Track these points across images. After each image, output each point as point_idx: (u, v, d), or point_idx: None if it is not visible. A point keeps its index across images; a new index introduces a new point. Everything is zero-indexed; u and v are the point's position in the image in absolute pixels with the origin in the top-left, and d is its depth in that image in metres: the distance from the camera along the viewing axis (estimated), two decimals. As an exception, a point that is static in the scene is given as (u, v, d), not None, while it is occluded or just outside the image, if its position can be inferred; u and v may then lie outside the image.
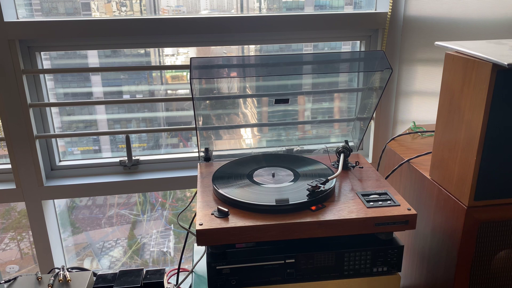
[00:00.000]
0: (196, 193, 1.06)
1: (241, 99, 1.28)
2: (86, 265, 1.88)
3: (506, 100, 0.86)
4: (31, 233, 1.54)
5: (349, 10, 1.57)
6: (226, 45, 1.50)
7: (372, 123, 1.59)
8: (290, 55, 1.14)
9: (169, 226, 1.98)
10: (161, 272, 1.17)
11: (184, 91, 1.63)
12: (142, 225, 1.96)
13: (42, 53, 1.42)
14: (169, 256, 1.95)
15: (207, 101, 1.23)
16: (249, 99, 1.29)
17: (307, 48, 1.63)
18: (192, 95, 1.06)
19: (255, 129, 1.34)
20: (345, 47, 1.63)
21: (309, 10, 1.57)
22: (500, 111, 0.86)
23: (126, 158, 1.53)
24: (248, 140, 1.34)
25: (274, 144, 1.34)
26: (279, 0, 1.55)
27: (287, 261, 0.94)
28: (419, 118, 1.52)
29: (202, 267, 1.17)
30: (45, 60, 1.45)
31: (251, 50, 1.59)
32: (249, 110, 1.29)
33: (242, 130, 1.33)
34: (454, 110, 0.95)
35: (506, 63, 0.78)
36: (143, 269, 1.17)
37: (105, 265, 1.91)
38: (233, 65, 1.15)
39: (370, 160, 1.64)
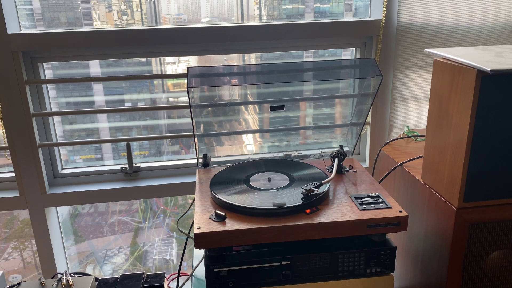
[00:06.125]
0: (195, 198, 1.09)
1: (239, 106, 1.31)
2: (88, 272, 1.90)
3: (491, 104, 0.89)
4: (33, 242, 1.56)
5: (348, 17, 1.60)
6: (226, 53, 1.54)
7: (368, 128, 1.62)
8: (285, 63, 1.18)
9: (172, 234, 2.00)
10: (161, 276, 1.19)
11: (186, 99, 1.66)
12: (144, 233, 1.98)
13: (44, 63, 1.45)
14: (172, 263, 1.97)
15: (206, 108, 1.26)
16: (249, 106, 1.32)
17: (308, 55, 1.66)
18: (189, 103, 1.10)
19: (255, 135, 1.37)
20: (346, 52, 1.66)
21: (309, 17, 1.60)
22: (486, 115, 0.89)
23: (127, 166, 1.56)
24: (247, 146, 1.37)
25: (272, 149, 1.37)
26: (279, 7, 1.58)
27: (283, 263, 0.96)
28: (414, 123, 1.55)
29: (202, 271, 1.19)
30: (47, 69, 1.48)
31: (252, 57, 1.62)
32: (250, 116, 1.32)
33: (242, 136, 1.35)
34: (443, 115, 0.98)
35: (489, 69, 0.82)
36: (143, 273, 1.20)
37: (108, 273, 1.93)
38: (230, 74, 1.18)
39: (366, 164, 1.66)
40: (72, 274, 1.20)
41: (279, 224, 0.93)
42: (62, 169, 1.58)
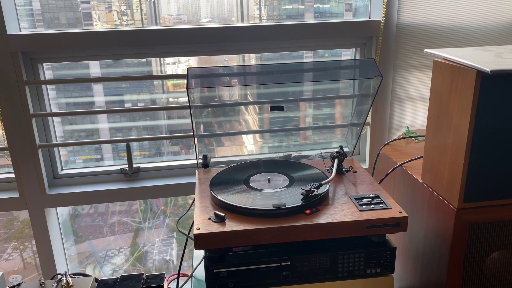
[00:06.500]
0: (194, 199, 1.09)
1: (239, 106, 1.31)
2: (88, 272, 1.90)
3: (491, 104, 0.89)
4: (33, 243, 1.56)
5: (348, 17, 1.60)
6: (226, 54, 1.54)
7: (368, 128, 1.61)
8: (285, 64, 1.18)
9: (172, 234, 2.00)
10: (161, 277, 1.19)
11: (185, 99, 1.65)
12: (144, 233, 1.98)
13: (44, 64, 1.45)
14: (172, 264, 1.97)
15: (206, 109, 1.26)
16: (249, 106, 1.32)
17: (308, 55, 1.66)
18: (189, 103, 1.10)
19: (255, 135, 1.37)
20: (346, 53, 1.66)
21: (309, 17, 1.60)
22: (486, 115, 0.89)
23: (127, 166, 1.56)
24: (247, 147, 1.37)
25: (271, 150, 1.37)
26: (279, 7, 1.58)
27: (282, 263, 0.96)
28: (414, 123, 1.55)
29: (202, 272, 1.19)
30: (47, 70, 1.48)
31: (252, 58, 1.62)
32: (250, 117, 1.32)
33: (242, 136, 1.35)
34: (443, 115, 0.98)
35: (489, 70, 0.82)
36: (143, 274, 1.20)
37: (108, 274, 1.93)
38: (230, 74, 1.18)
39: (366, 164, 1.66)
40: (72, 275, 1.20)
41: (279, 225, 0.93)
42: (62, 169, 1.58)
